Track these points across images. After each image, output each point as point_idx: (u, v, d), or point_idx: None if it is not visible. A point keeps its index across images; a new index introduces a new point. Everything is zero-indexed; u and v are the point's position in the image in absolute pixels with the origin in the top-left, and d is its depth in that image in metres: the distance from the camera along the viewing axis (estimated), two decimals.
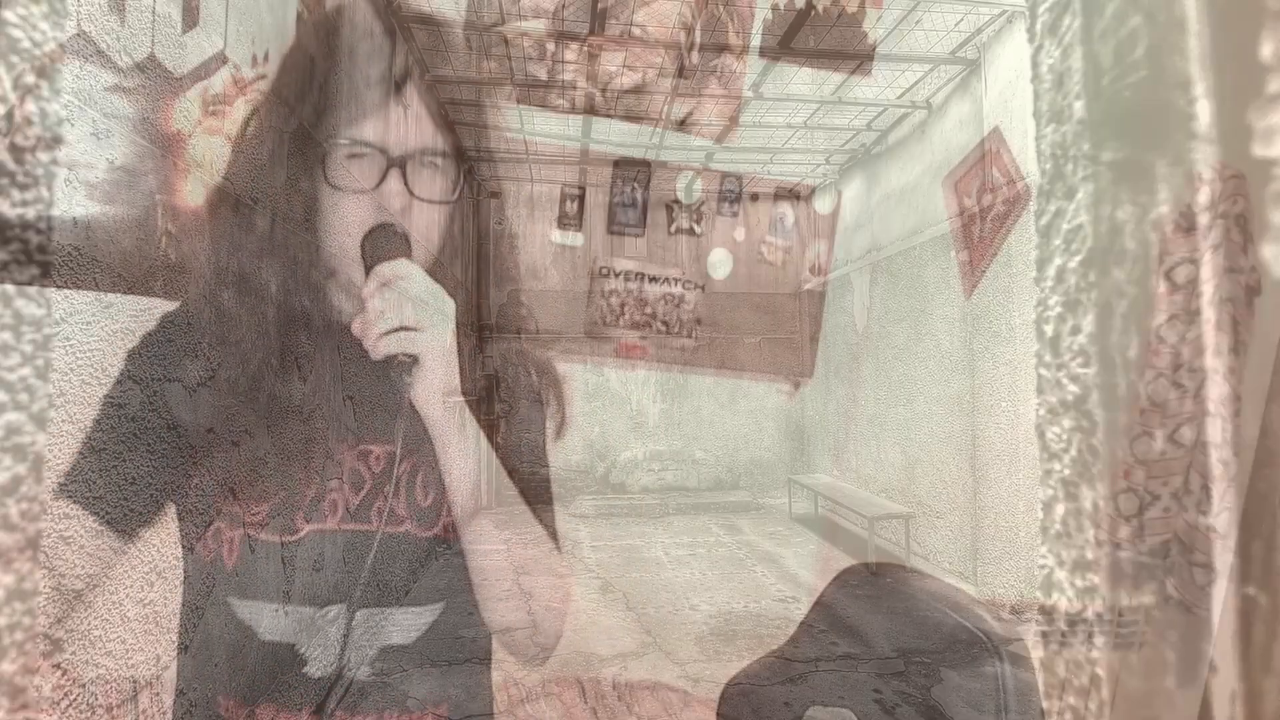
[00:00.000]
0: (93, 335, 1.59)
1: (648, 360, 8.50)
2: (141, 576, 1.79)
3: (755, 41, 4.93)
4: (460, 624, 4.15)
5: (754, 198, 8.81)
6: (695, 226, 8.66)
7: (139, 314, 1.77)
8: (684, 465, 8.39)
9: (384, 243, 1.20)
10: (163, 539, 1.88)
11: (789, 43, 4.86)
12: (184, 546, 1.98)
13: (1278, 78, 0.92)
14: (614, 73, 5.53)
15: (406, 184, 1.38)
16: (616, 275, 8.42)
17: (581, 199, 8.37)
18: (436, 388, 1.18)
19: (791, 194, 8.82)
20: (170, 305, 1.90)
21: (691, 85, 5.67)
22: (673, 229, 8.61)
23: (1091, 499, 1.18)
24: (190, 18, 2.00)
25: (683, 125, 6.53)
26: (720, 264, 8.45)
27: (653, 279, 8.51)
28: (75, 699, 1.54)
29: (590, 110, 6.17)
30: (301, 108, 2.75)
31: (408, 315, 1.14)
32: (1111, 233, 1.16)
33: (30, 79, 1.39)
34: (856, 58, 5.15)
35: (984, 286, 4.83)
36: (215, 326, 2.14)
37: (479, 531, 1.25)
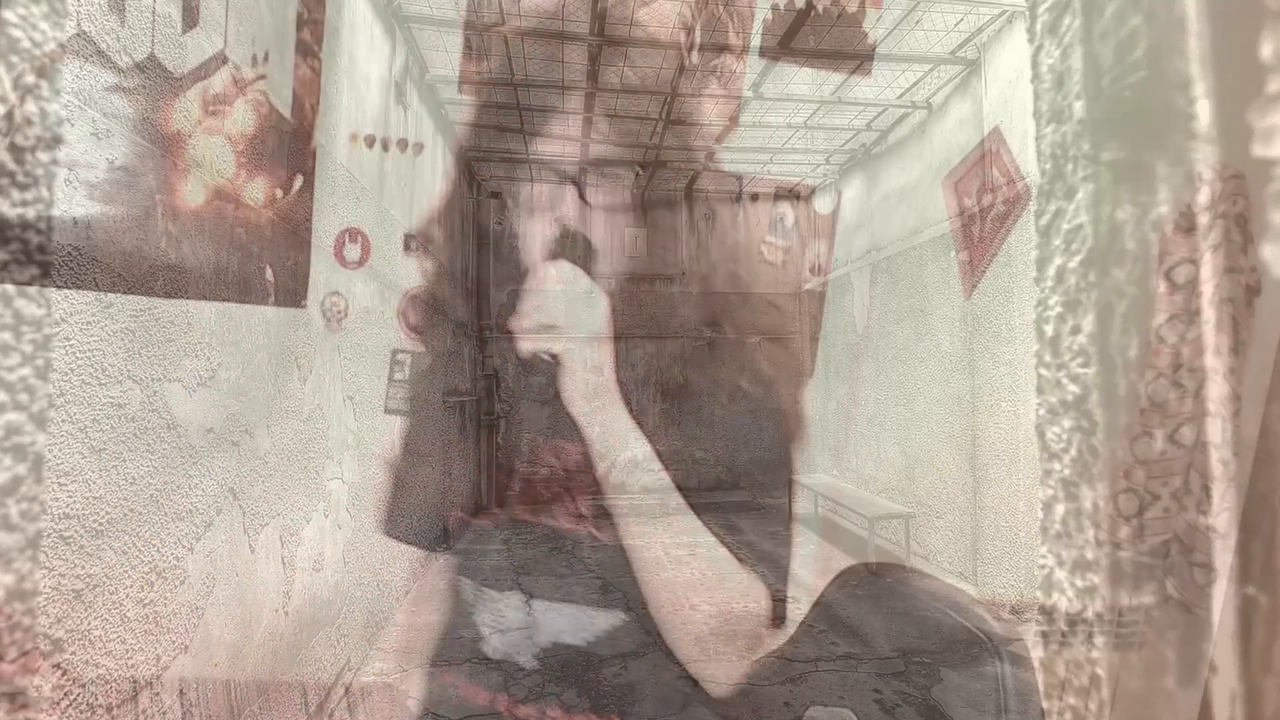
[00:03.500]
0: (93, 335, 1.59)
1: (647, 359, 8.50)
2: (141, 576, 1.79)
3: (755, 41, 4.93)
4: (459, 624, 4.15)
5: (754, 198, 8.82)
6: (695, 226, 8.66)
7: (140, 313, 1.77)
8: (684, 465, 8.39)
9: None
10: (163, 539, 1.88)
11: (789, 43, 4.86)
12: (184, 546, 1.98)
13: (1278, 78, 0.92)
14: (614, 72, 5.53)
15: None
16: (616, 275, 8.42)
17: (581, 199, 8.37)
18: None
19: (791, 194, 8.83)
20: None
21: (691, 85, 5.67)
22: (673, 229, 8.61)
23: (1091, 499, 1.18)
24: (190, 18, 2.00)
25: (682, 125, 6.53)
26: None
27: (653, 279, 8.51)
28: (75, 699, 1.54)
29: (590, 109, 6.17)
30: None
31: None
32: (1111, 233, 1.16)
33: (30, 79, 1.40)
34: (856, 58, 5.15)
35: (984, 286, 4.83)
36: None
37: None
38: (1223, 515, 0.95)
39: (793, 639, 4.00)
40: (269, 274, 2.55)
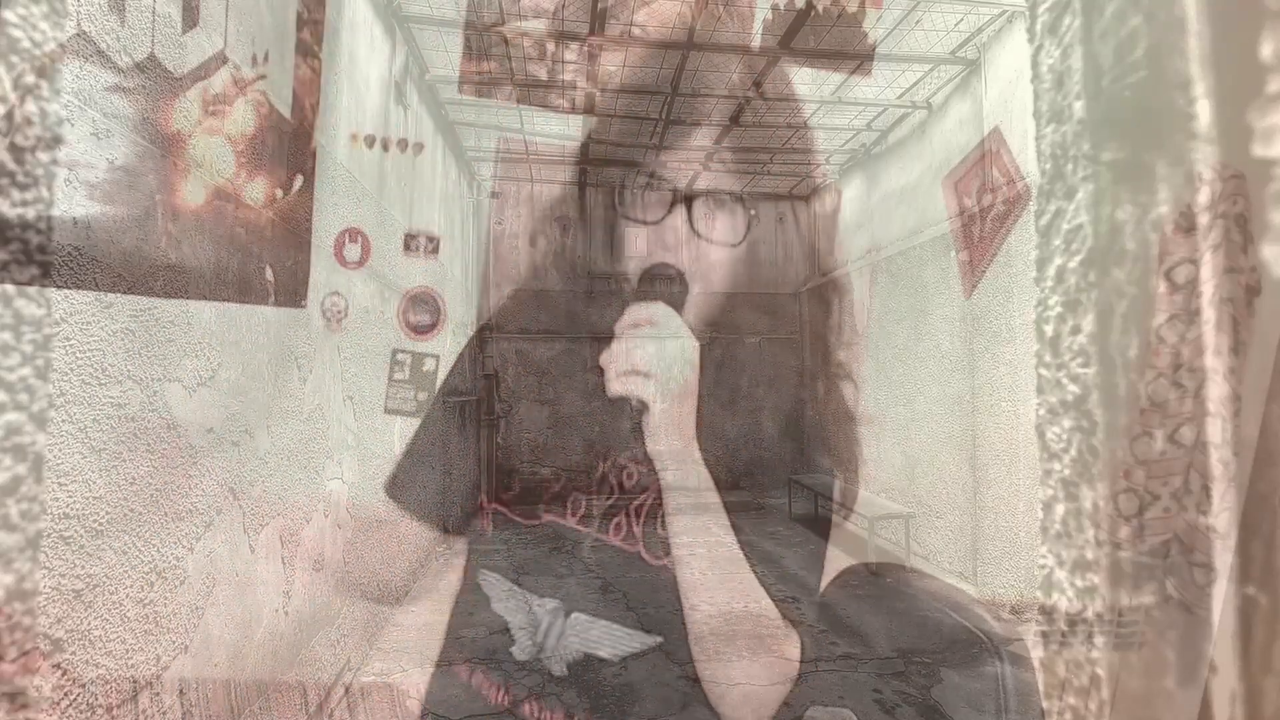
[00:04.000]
0: (93, 335, 1.59)
1: (647, 359, 8.50)
2: (141, 576, 1.79)
3: (755, 41, 4.93)
4: (460, 624, 4.15)
5: (753, 197, 8.81)
6: (696, 226, 8.66)
7: (140, 313, 1.77)
8: (684, 465, 8.38)
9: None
10: (163, 539, 1.88)
11: (789, 43, 4.85)
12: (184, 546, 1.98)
13: (1278, 78, 0.92)
14: (614, 73, 5.53)
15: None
16: (616, 275, 8.42)
17: (581, 200, 8.37)
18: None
19: (791, 194, 8.82)
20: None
21: (691, 84, 5.67)
22: (673, 229, 8.61)
23: (1091, 499, 1.18)
24: (190, 18, 2.00)
25: (682, 125, 6.52)
26: None
27: (653, 279, 8.51)
28: (75, 699, 1.54)
29: (590, 110, 6.17)
30: None
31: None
32: (1111, 233, 1.15)
33: (30, 79, 1.39)
34: (856, 58, 5.15)
35: (984, 286, 4.83)
36: None
37: None
38: (1223, 515, 0.95)
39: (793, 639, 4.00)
40: (269, 274, 2.55)
